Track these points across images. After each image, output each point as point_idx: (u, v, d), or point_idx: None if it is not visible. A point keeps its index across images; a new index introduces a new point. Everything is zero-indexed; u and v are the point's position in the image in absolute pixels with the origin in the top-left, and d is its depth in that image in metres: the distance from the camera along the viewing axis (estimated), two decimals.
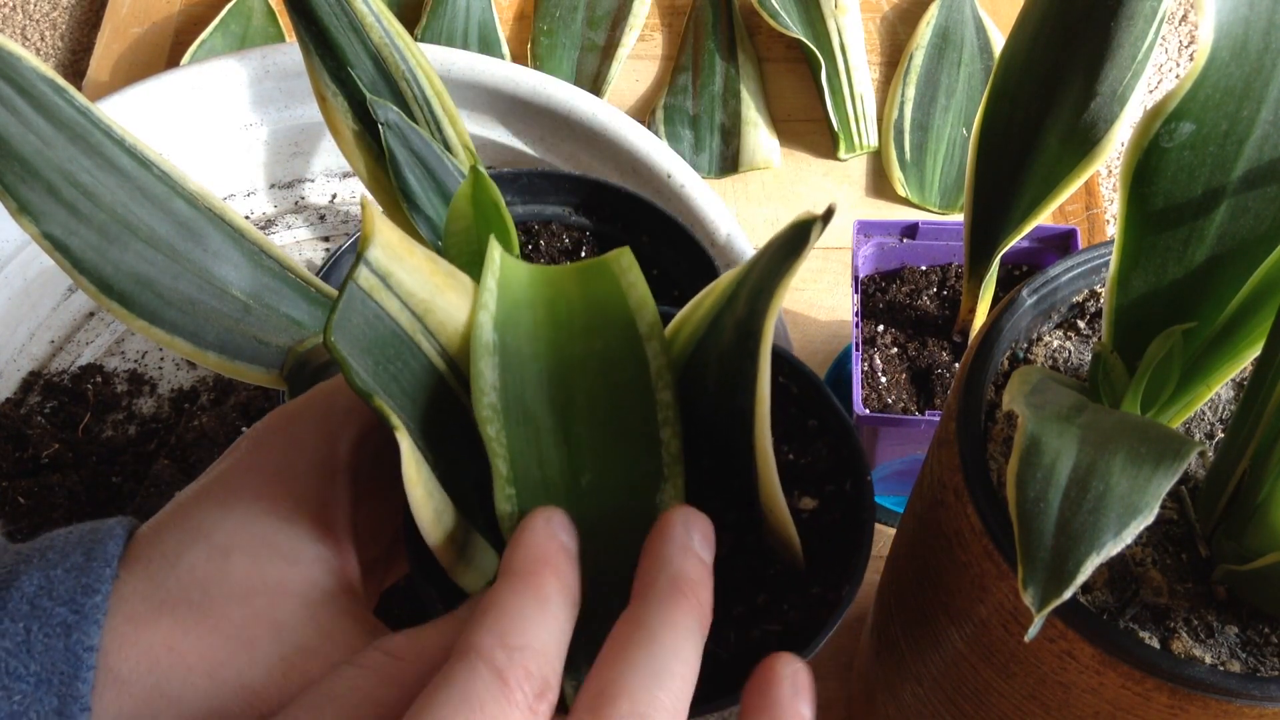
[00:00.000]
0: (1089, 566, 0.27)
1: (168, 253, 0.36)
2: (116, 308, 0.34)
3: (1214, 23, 0.33)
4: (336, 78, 0.42)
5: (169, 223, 0.36)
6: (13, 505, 0.61)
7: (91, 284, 0.34)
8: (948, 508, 0.38)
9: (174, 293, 0.36)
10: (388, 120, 0.41)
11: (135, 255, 0.35)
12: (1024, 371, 0.36)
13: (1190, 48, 0.87)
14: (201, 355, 0.36)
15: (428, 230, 0.43)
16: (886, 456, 0.63)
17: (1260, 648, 0.33)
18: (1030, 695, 0.37)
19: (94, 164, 0.34)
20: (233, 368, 0.37)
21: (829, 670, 0.62)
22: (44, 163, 0.33)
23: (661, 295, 0.54)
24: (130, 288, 0.35)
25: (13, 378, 0.67)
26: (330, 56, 0.42)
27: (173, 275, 0.36)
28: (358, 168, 0.43)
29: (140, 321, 0.35)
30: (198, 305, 0.36)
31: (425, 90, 0.44)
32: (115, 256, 0.34)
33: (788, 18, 0.83)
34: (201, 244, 0.37)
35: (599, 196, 0.55)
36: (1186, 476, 0.38)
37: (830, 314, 0.73)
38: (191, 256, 0.37)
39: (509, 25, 0.87)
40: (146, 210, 0.36)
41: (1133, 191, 0.35)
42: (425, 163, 0.42)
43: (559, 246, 0.55)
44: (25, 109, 0.33)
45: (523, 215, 0.55)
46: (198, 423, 0.64)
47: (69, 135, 0.34)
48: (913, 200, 0.77)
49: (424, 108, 0.44)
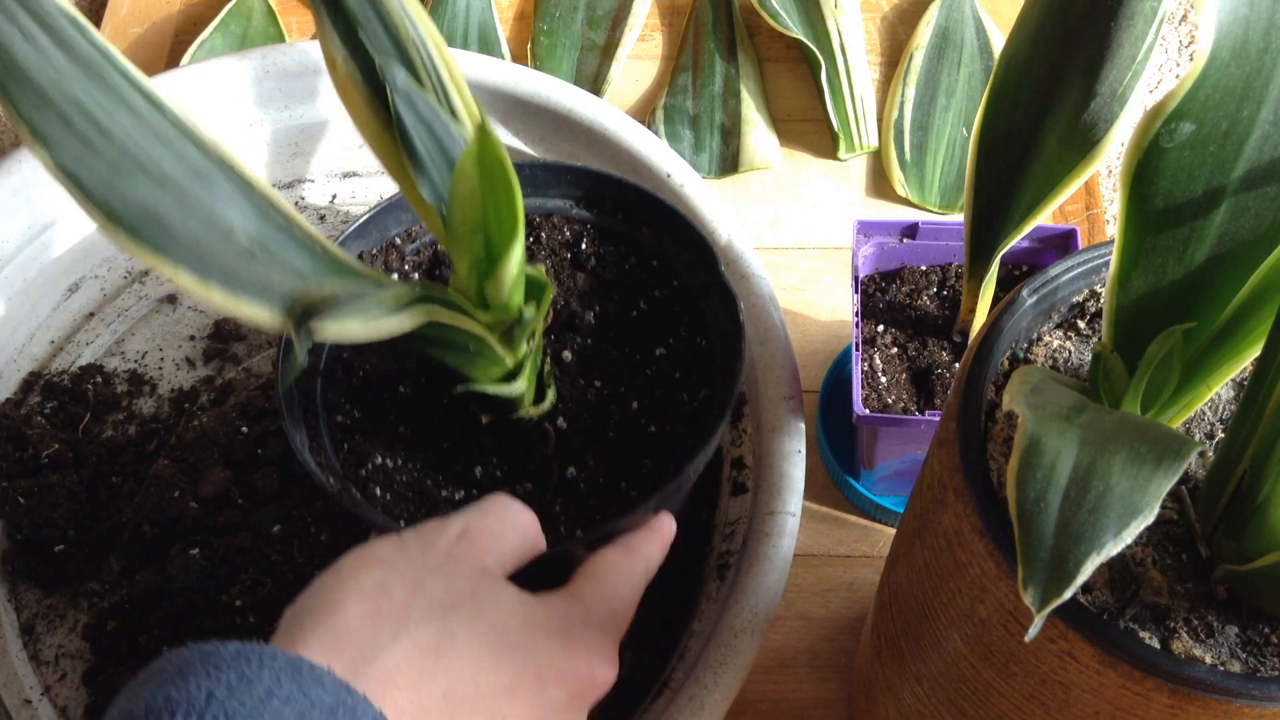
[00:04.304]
0: (1089, 567, 0.27)
1: (176, 192, 0.36)
2: (124, 238, 0.34)
3: (1214, 23, 0.33)
4: (348, 41, 0.42)
5: (179, 165, 0.36)
6: (13, 505, 0.61)
7: (100, 213, 0.34)
8: (948, 508, 0.38)
9: (181, 229, 0.36)
10: (396, 84, 0.41)
11: (144, 190, 0.35)
12: (1024, 371, 0.36)
13: (1190, 48, 0.87)
14: (206, 289, 0.36)
15: (433, 196, 0.43)
16: (886, 456, 0.63)
17: (1260, 648, 0.33)
18: (1030, 695, 0.37)
19: (108, 100, 0.35)
20: (237, 305, 0.36)
21: (829, 670, 0.62)
22: (59, 94, 0.33)
23: (660, 285, 0.54)
24: (138, 220, 0.35)
25: (13, 378, 0.67)
26: (341, 19, 0.42)
27: (181, 213, 0.36)
28: (365, 133, 0.43)
29: (146, 251, 0.35)
30: (204, 243, 0.36)
31: (433, 58, 0.44)
32: (124, 189, 0.35)
33: (788, 18, 0.83)
34: (210, 189, 0.37)
35: (601, 189, 0.55)
36: (1186, 476, 0.38)
37: (830, 314, 0.73)
38: (200, 199, 0.37)
39: (509, 25, 0.87)
40: (157, 150, 0.36)
41: (1133, 191, 0.35)
42: (432, 129, 0.42)
43: (560, 239, 0.55)
44: (45, 41, 0.33)
45: (525, 209, 0.55)
46: (198, 423, 0.64)
47: (85, 70, 0.34)
48: (913, 200, 0.77)
49: (432, 75, 0.44)
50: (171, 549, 0.60)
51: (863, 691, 0.55)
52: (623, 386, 0.52)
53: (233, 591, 0.58)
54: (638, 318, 0.54)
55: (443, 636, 0.37)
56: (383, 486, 0.48)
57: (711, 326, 0.52)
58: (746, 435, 0.59)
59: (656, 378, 0.52)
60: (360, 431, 0.50)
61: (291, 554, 0.60)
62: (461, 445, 0.50)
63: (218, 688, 0.32)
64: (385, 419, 0.50)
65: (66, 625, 0.61)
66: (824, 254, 0.76)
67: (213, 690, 0.32)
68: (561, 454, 0.50)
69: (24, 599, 0.62)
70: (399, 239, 0.55)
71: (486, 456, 0.50)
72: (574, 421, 0.50)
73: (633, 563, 0.44)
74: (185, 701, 0.32)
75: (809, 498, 0.67)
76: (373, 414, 0.50)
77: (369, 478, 0.48)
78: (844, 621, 0.63)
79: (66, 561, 0.61)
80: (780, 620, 0.64)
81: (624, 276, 0.55)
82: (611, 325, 0.54)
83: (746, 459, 0.59)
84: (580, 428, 0.50)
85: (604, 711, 0.56)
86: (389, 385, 0.51)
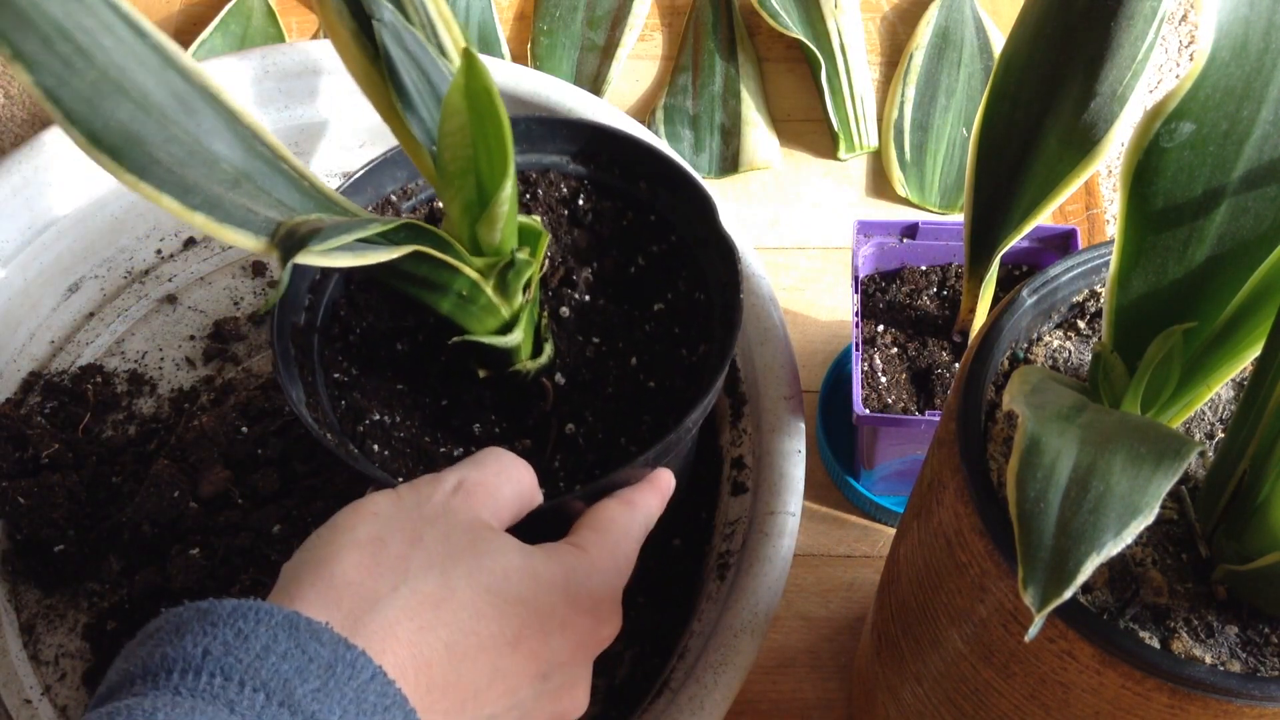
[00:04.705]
0: (1089, 566, 0.27)
1: (159, 119, 0.36)
2: (106, 160, 0.34)
3: (1214, 23, 0.33)
4: None
5: (163, 90, 0.36)
6: (13, 505, 0.61)
7: (82, 135, 0.34)
8: (947, 508, 0.38)
9: (164, 153, 0.35)
10: (383, 18, 0.40)
11: (127, 113, 0.35)
12: (1024, 371, 0.36)
13: (1190, 48, 0.87)
14: (189, 214, 0.35)
15: (422, 134, 0.43)
16: (886, 456, 0.63)
17: (1260, 648, 0.33)
18: (1030, 695, 0.37)
19: (91, 24, 0.34)
20: (220, 230, 0.36)
21: (829, 670, 0.62)
22: (40, 15, 0.33)
23: (658, 240, 0.54)
24: (120, 142, 0.34)
25: (13, 378, 0.67)
26: None
27: (164, 138, 0.35)
28: (353, 69, 0.43)
29: (129, 175, 0.34)
30: (188, 168, 0.36)
31: None
32: (107, 111, 0.34)
33: (788, 18, 0.83)
34: (194, 118, 0.37)
35: (597, 143, 0.55)
36: (1186, 476, 0.38)
37: (830, 314, 0.73)
38: (184, 125, 0.36)
39: (509, 25, 0.87)
40: (140, 75, 0.35)
41: (1133, 191, 0.35)
42: (420, 64, 0.42)
43: (556, 196, 0.55)
44: None
45: (520, 165, 0.55)
46: (198, 423, 0.64)
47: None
48: (913, 200, 0.77)
49: (420, 11, 0.43)
50: (171, 549, 0.60)
51: (863, 691, 0.55)
52: (621, 342, 0.51)
53: (233, 591, 0.58)
54: (635, 273, 0.54)
55: (443, 588, 0.36)
56: (380, 443, 0.48)
57: (710, 280, 0.52)
58: (746, 435, 0.59)
59: (655, 333, 0.52)
60: (358, 388, 0.50)
61: (291, 554, 0.60)
62: (460, 402, 0.50)
63: (214, 645, 0.31)
64: (383, 376, 0.50)
65: (66, 625, 0.61)
66: (824, 254, 0.76)
67: (209, 647, 0.31)
68: (560, 410, 0.49)
69: (24, 599, 0.62)
70: (394, 195, 0.54)
71: (485, 413, 0.49)
72: (572, 377, 0.50)
73: (632, 514, 0.43)
74: (182, 659, 0.31)
75: (809, 498, 0.67)
76: (370, 371, 0.50)
77: (366, 434, 0.48)
78: (844, 621, 0.63)
79: (66, 561, 0.61)
80: (780, 620, 0.64)
81: (622, 231, 0.54)
82: (610, 281, 0.53)
83: (746, 459, 0.59)
84: (579, 384, 0.50)
85: (604, 711, 0.56)
86: (387, 343, 0.51)
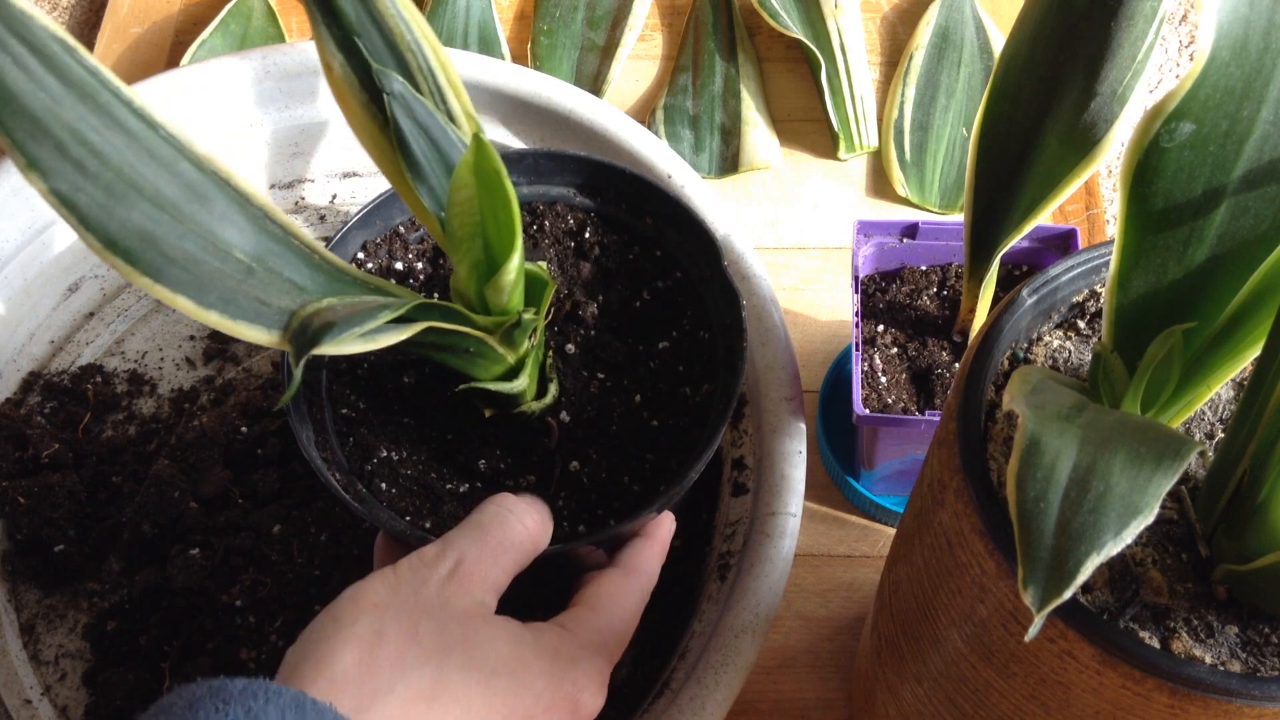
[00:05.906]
0: (1089, 566, 0.27)
1: (173, 213, 0.36)
2: (120, 264, 0.34)
3: (1214, 23, 0.33)
4: (343, 46, 0.42)
5: (175, 184, 0.37)
6: (13, 505, 0.61)
7: (97, 240, 0.34)
8: (947, 508, 0.38)
9: (178, 251, 0.36)
10: (393, 90, 0.41)
11: (141, 214, 0.35)
12: (1024, 371, 0.36)
13: (1190, 48, 0.87)
14: (204, 314, 0.36)
15: (431, 201, 0.43)
16: (886, 456, 0.63)
17: (1260, 648, 0.33)
18: (1030, 695, 0.37)
19: (102, 123, 0.35)
20: (234, 327, 0.37)
21: (829, 670, 0.62)
22: (53, 120, 0.33)
23: (663, 276, 0.54)
24: (135, 244, 0.35)
25: (13, 378, 0.67)
26: (336, 24, 0.42)
27: (177, 234, 0.36)
28: (363, 139, 0.43)
29: (144, 278, 0.35)
30: (201, 265, 0.36)
31: (430, 61, 0.44)
32: (121, 214, 0.35)
33: (788, 18, 0.83)
34: (207, 206, 0.37)
35: (603, 177, 0.55)
36: (1186, 476, 0.38)
37: (830, 314, 0.73)
38: (196, 218, 0.37)
39: (509, 25, 0.87)
40: (152, 170, 0.36)
41: (1133, 191, 0.35)
42: (429, 134, 0.42)
43: (563, 227, 0.55)
44: (36, 67, 0.33)
45: (528, 196, 0.55)
46: (198, 423, 0.64)
47: (78, 94, 0.34)
48: (913, 200, 0.77)
49: (429, 79, 0.44)
50: (171, 549, 0.60)
51: (863, 691, 0.55)
52: (625, 379, 0.52)
53: (233, 591, 0.59)
54: (641, 308, 0.54)
55: (436, 684, 0.38)
56: (388, 481, 0.48)
57: (714, 319, 0.52)
58: (747, 436, 0.59)
59: (659, 370, 0.52)
60: (365, 424, 0.50)
61: (291, 554, 0.60)
62: (465, 438, 0.50)
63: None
64: (390, 410, 0.51)
65: (66, 625, 0.61)
66: (824, 254, 0.76)
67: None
68: (564, 448, 0.50)
69: (24, 599, 0.62)
70: (403, 227, 0.55)
71: (490, 449, 0.50)
72: (577, 415, 0.50)
73: (631, 584, 0.46)
74: None
75: (809, 498, 0.67)
76: (378, 405, 0.51)
77: (374, 472, 0.49)
78: (844, 621, 0.63)
79: (66, 561, 0.61)
80: (780, 620, 0.64)
81: (627, 266, 0.55)
82: (615, 316, 0.54)
83: (747, 460, 0.59)
84: (583, 421, 0.50)
85: (604, 711, 0.56)
86: (393, 375, 0.51)
